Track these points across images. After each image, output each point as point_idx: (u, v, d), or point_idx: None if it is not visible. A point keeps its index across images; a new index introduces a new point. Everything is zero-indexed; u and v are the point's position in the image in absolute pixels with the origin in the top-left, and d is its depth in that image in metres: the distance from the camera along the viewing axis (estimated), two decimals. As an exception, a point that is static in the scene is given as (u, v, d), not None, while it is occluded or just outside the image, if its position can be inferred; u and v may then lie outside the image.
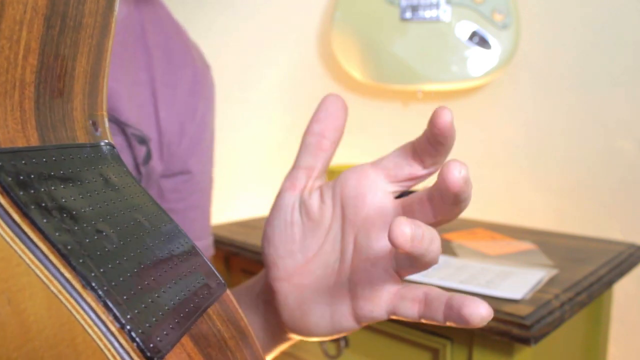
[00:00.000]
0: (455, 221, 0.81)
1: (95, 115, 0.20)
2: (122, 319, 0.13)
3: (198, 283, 0.18)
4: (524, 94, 0.85)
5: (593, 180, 0.80)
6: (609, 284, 0.57)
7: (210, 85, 0.44)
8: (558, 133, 0.83)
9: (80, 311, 0.12)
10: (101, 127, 0.20)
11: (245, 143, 1.05)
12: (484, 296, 0.49)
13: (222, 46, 0.99)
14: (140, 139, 0.36)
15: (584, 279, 0.54)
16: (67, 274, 0.13)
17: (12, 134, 0.15)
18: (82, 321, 0.12)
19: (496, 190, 0.88)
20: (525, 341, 0.44)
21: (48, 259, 0.13)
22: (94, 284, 0.13)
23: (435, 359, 0.54)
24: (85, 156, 0.18)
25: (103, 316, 0.13)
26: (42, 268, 0.13)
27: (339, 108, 0.26)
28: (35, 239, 0.13)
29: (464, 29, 0.83)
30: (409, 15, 0.85)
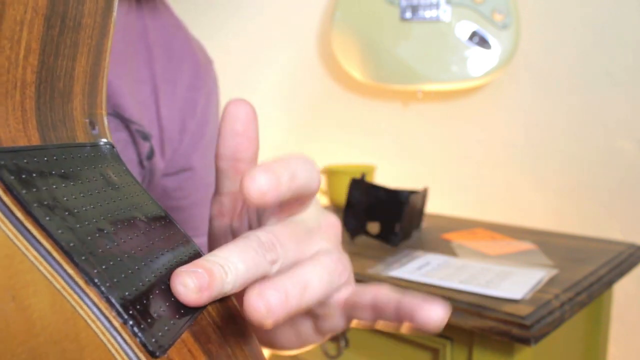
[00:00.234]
0: (455, 221, 0.81)
1: (95, 114, 0.20)
2: (125, 315, 0.13)
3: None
4: (524, 94, 0.85)
5: (593, 180, 0.80)
6: (609, 284, 0.57)
7: (212, 80, 0.43)
8: (558, 133, 0.83)
9: (84, 307, 0.13)
10: (99, 126, 0.20)
11: (246, 143, 1.05)
12: (484, 296, 0.49)
13: (222, 46, 0.99)
14: (144, 135, 0.37)
15: (584, 279, 0.54)
16: (70, 271, 0.13)
17: (14, 133, 0.15)
18: (86, 317, 0.13)
19: (496, 190, 0.88)
20: (525, 341, 0.44)
21: (51, 255, 0.13)
22: (96, 280, 0.13)
23: (435, 359, 0.54)
24: (85, 155, 0.18)
25: (106, 312, 0.13)
26: (46, 265, 0.13)
27: (245, 120, 0.22)
28: (39, 237, 0.13)
29: (464, 29, 0.83)
30: (409, 15, 0.85)
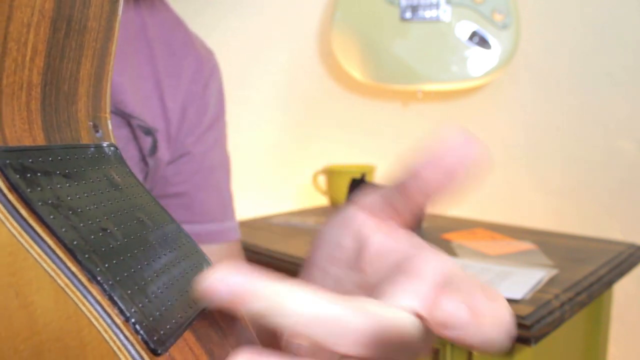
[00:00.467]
0: (455, 221, 0.82)
1: (98, 117, 0.20)
2: (127, 312, 0.13)
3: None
4: (524, 94, 0.85)
5: (593, 180, 0.80)
6: (609, 284, 0.57)
7: (213, 70, 0.43)
8: (558, 133, 0.83)
9: (87, 304, 0.13)
10: (103, 129, 0.20)
11: (245, 143, 1.05)
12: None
13: (222, 46, 0.99)
14: (146, 130, 0.37)
15: (584, 279, 0.55)
16: (73, 268, 0.13)
17: (20, 133, 0.15)
18: (88, 314, 0.13)
19: (496, 190, 0.88)
20: (525, 341, 0.44)
21: (55, 253, 0.13)
22: (99, 278, 0.13)
23: (435, 359, 0.54)
24: (89, 156, 0.18)
25: (108, 309, 0.13)
26: (49, 262, 0.13)
27: (463, 153, 0.16)
28: (42, 234, 0.13)
29: (464, 29, 0.83)
30: (409, 15, 0.85)
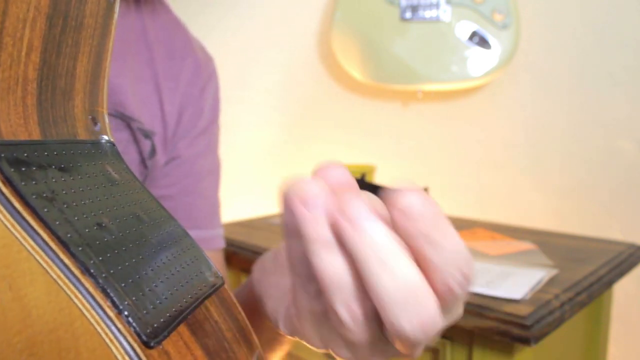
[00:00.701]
0: (455, 221, 0.81)
1: (96, 112, 0.20)
2: (120, 305, 0.13)
3: (195, 275, 0.18)
4: (524, 94, 0.85)
5: (593, 180, 0.80)
6: (609, 284, 0.57)
7: (211, 75, 0.44)
8: (558, 133, 0.83)
9: (79, 296, 0.13)
10: (100, 123, 0.20)
11: (245, 143, 1.05)
12: (484, 296, 0.49)
13: (222, 46, 0.99)
14: (145, 133, 0.37)
15: (584, 279, 0.54)
16: (67, 260, 0.13)
17: (15, 127, 0.15)
18: (81, 306, 0.13)
19: (496, 190, 0.88)
20: (525, 341, 0.44)
21: (48, 245, 0.13)
22: (92, 270, 0.13)
23: (435, 359, 0.54)
24: (85, 152, 0.18)
25: (101, 301, 0.13)
26: (43, 255, 0.13)
27: None
28: (36, 227, 0.13)
29: (464, 29, 0.83)
30: (409, 15, 0.85)
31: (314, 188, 0.15)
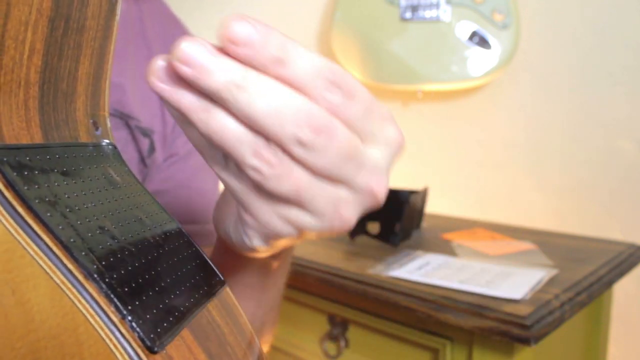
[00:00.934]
0: (455, 221, 0.82)
1: (97, 116, 0.20)
2: (124, 310, 0.13)
3: (197, 279, 0.18)
4: (524, 94, 0.85)
5: (593, 180, 0.80)
6: (609, 284, 0.57)
7: None
8: (558, 133, 0.83)
9: (83, 301, 0.13)
10: (102, 127, 0.20)
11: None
12: (484, 296, 0.49)
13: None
14: (144, 132, 0.37)
15: (584, 279, 0.55)
16: (70, 265, 0.13)
17: (17, 131, 0.15)
18: (85, 311, 0.13)
19: (496, 190, 0.88)
20: (525, 341, 0.44)
21: (51, 250, 0.13)
22: (96, 275, 0.13)
23: (435, 359, 0.54)
24: (87, 155, 0.18)
25: (105, 307, 0.13)
26: (46, 259, 0.13)
27: None
28: (39, 232, 0.13)
29: (464, 29, 0.83)
30: (409, 15, 0.85)
31: (159, 72, 0.16)
